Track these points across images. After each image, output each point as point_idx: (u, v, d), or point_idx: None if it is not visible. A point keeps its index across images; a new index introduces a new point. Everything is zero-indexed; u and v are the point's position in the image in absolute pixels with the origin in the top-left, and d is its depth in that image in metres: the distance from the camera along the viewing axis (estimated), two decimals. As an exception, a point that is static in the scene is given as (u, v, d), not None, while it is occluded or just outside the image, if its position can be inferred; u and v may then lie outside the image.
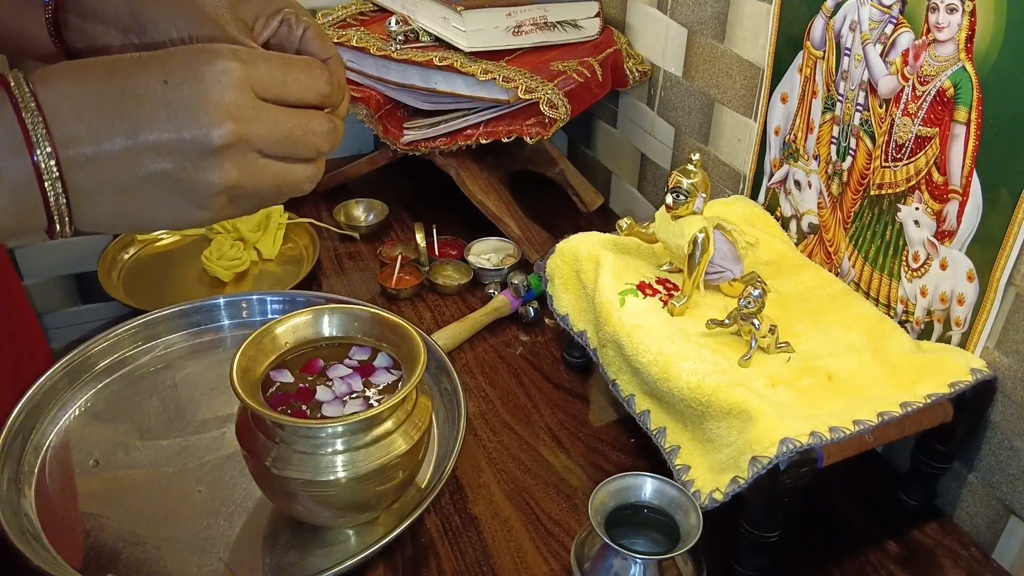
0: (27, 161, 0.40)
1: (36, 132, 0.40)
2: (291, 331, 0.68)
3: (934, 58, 0.67)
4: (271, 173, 0.45)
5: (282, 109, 0.45)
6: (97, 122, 0.41)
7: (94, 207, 0.42)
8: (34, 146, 0.40)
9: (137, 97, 0.41)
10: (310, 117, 0.46)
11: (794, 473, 0.60)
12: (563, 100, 0.96)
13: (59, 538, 0.66)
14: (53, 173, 0.40)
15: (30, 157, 0.40)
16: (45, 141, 0.40)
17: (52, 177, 0.40)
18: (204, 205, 0.44)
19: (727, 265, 0.75)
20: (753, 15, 0.86)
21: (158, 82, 0.42)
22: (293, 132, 0.45)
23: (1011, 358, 0.66)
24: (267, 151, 0.44)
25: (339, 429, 0.62)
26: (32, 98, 0.40)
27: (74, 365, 0.80)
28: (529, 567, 0.68)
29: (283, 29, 0.55)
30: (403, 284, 1.01)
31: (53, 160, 0.40)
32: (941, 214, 0.69)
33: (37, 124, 0.40)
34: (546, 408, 0.84)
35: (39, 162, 0.40)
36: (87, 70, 0.42)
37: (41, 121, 0.40)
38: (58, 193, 0.41)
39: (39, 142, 0.40)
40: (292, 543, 0.67)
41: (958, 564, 0.69)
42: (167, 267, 1.09)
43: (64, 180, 0.41)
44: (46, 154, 0.40)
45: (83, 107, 0.41)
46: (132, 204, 0.43)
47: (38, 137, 0.40)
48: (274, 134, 0.44)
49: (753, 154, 0.90)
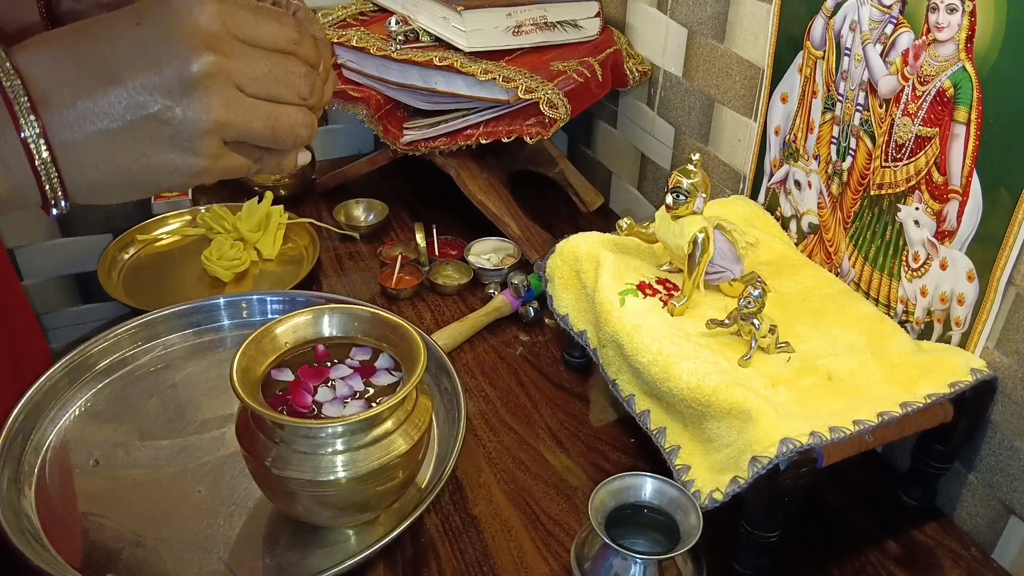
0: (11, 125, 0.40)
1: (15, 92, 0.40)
2: (291, 331, 0.68)
3: (934, 58, 0.67)
4: (261, 111, 0.44)
5: (257, 48, 0.44)
6: (75, 74, 0.41)
7: (84, 166, 0.42)
8: (14, 105, 0.40)
9: (112, 42, 0.41)
10: (285, 58, 0.45)
11: (794, 473, 0.60)
12: (563, 100, 0.96)
13: (59, 538, 0.66)
14: (36, 131, 0.40)
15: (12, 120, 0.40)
16: (24, 99, 0.40)
17: (35, 135, 0.40)
18: (197, 150, 0.42)
19: (727, 265, 0.75)
20: (753, 15, 0.86)
21: (131, 25, 0.41)
22: (273, 70, 0.44)
23: (1011, 358, 0.66)
24: (248, 89, 0.43)
25: (339, 429, 0.62)
26: (8, 63, 0.40)
27: (74, 365, 0.80)
28: (529, 567, 0.68)
29: None
30: (403, 284, 1.01)
31: (34, 117, 0.40)
32: (941, 214, 0.69)
33: (15, 85, 0.40)
34: (546, 408, 0.84)
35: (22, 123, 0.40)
36: (63, 32, 0.42)
37: (19, 82, 0.40)
38: (43, 156, 0.40)
39: (18, 101, 0.40)
40: (292, 543, 0.67)
41: (958, 564, 0.69)
42: (167, 267, 1.09)
43: (48, 139, 0.40)
44: (26, 111, 0.40)
45: (60, 64, 0.41)
46: (123, 158, 0.42)
47: (17, 96, 0.40)
48: (254, 70, 0.43)
49: (753, 154, 0.90)
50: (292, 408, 0.64)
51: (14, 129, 0.40)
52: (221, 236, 1.08)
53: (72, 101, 0.40)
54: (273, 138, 0.45)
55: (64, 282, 1.26)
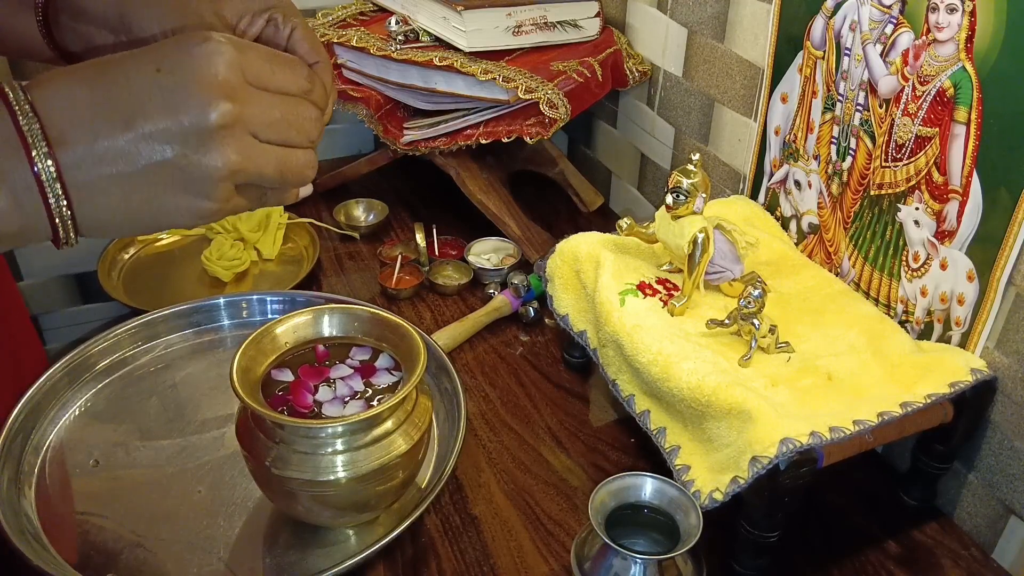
0: (25, 163, 0.40)
1: (32, 133, 0.40)
2: (291, 331, 0.68)
3: (934, 58, 0.67)
4: (272, 157, 0.45)
5: (272, 94, 0.45)
6: (91, 116, 0.41)
7: (96, 206, 0.42)
8: (30, 146, 0.40)
9: (130, 87, 0.41)
10: (298, 102, 0.46)
11: (794, 473, 0.60)
12: (563, 100, 0.96)
13: (59, 538, 0.66)
14: (51, 173, 0.40)
15: (28, 159, 0.40)
16: (41, 140, 0.40)
17: (50, 177, 0.40)
18: (210, 195, 0.43)
19: (727, 265, 0.75)
20: (753, 15, 0.86)
21: (150, 71, 0.41)
22: (285, 115, 0.45)
23: (1011, 358, 0.66)
24: (262, 135, 0.44)
25: (339, 429, 0.62)
26: (26, 101, 0.40)
27: (74, 365, 0.80)
28: (529, 567, 0.68)
29: (269, 28, 0.55)
30: (403, 284, 1.01)
31: (50, 160, 0.40)
32: (941, 214, 0.69)
33: (32, 125, 0.40)
34: (546, 408, 0.84)
35: (37, 162, 0.40)
36: (80, 70, 0.42)
37: (36, 122, 0.40)
38: (58, 194, 0.41)
39: (35, 141, 0.40)
40: (292, 543, 0.67)
41: (958, 564, 0.69)
42: (167, 267, 1.09)
43: (63, 179, 0.40)
44: (43, 153, 0.40)
45: (77, 104, 0.41)
46: (136, 200, 0.42)
47: (34, 138, 0.40)
48: (268, 116, 0.44)
49: (753, 154, 0.90)
50: (292, 408, 0.64)
51: (29, 169, 0.40)
52: (221, 236, 1.08)
53: (89, 143, 0.41)
54: (282, 180, 0.46)
55: (64, 282, 1.26)
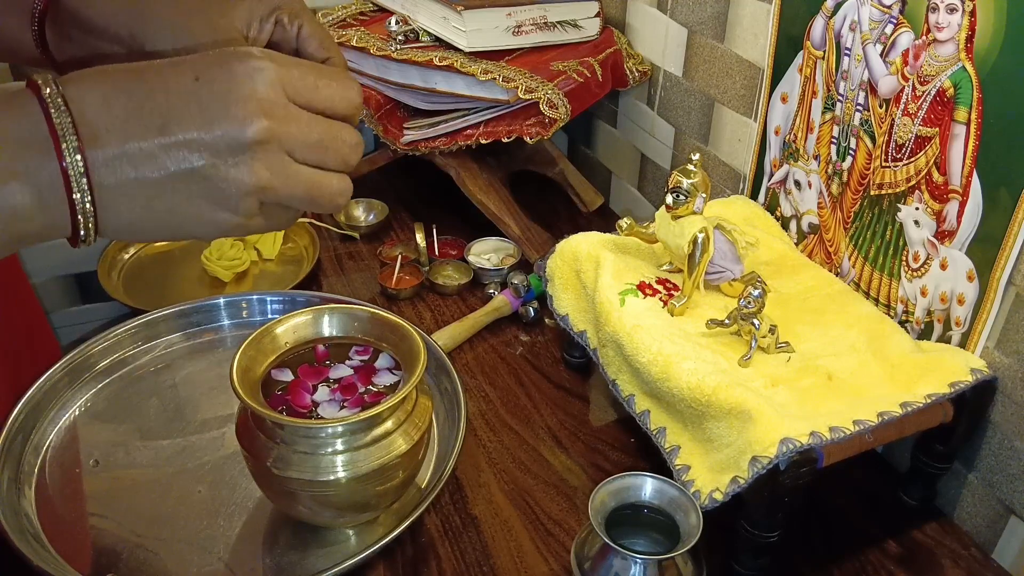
0: (54, 158, 0.39)
1: (63, 128, 0.39)
2: (291, 331, 0.68)
3: (934, 58, 0.67)
4: (303, 179, 0.44)
5: (313, 115, 0.44)
6: (125, 117, 0.40)
7: (119, 209, 0.41)
8: (61, 141, 0.39)
9: (167, 93, 0.41)
10: (340, 127, 0.45)
11: (794, 473, 0.60)
12: (563, 100, 0.96)
13: (59, 538, 0.66)
14: (79, 169, 0.39)
15: (57, 154, 0.39)
16: (72, 136, 0.39)
17: (78, 173, 0.39)
18: (234, 208, 0.42)
19: (727, 265, 0.75)
20: (753, 15, 0.86)
21: (189, 79, 0.41)
22: (323, 138, 0.44)
23: (1011, 358, 0.66)
24: (298, 155, 0.43)
25: (339, 429, 0.61)
26: (60, 96, 0.40)
27: (74, 365, 0.80)
28: (529, 567, 0.68)
29: (278, 30, 0.55)
30: (403, 284, 1.01)
31: (79, 156, 0.39)
32: (941, 214, 0.69)
33: (64, 120, 0.39)
34: (546, 408, 0.84)
35: (66, 158, 0.39)
36: (117, 71, 0.42)
37: (68, 118, 0.39)
38: (83, 191, 0.40)
39: (66, 136, 0.39)
40: (292, 543, 0.67)
41: (958, 564, 0.69)
42: (167, 267, 1.09)
43: (90, 178, 0.40)
44: (72, 148, 0.39)
45: (112, 103, 0.40)
46: (159, 206, 0.42)
47: (65, 132, 0.39)
48: (306, 137, 0.43)
49: (753, 154, 0.90)
50: (292, 408, 0.64)
51: (58, 163, 0.39)
52: (221, 236, 1.08)
53: (120, 144, 0.40)
54: (311, 204, 0.45)
55: (64, 282, 1.26)
